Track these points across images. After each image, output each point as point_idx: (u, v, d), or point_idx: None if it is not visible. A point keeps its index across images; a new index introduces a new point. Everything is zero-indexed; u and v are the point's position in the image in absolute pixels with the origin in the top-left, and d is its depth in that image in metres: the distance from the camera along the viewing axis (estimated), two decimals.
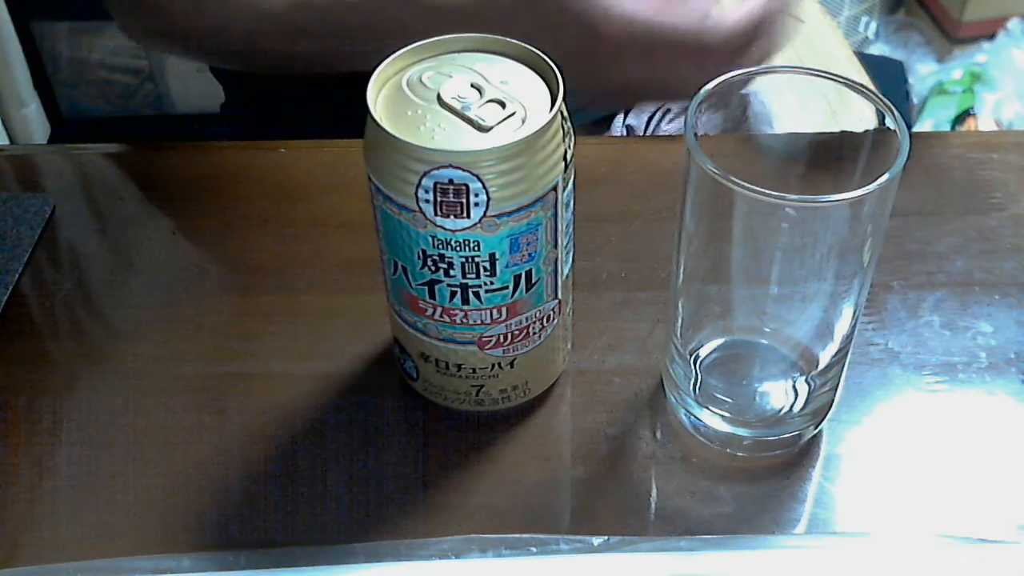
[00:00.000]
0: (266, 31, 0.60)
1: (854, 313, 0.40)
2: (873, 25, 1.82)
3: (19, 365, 0.48)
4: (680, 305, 0.42)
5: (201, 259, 0.55)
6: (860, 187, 0.35)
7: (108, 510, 0.43)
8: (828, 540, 0.41)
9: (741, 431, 0.43)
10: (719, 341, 0.44)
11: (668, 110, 0.76)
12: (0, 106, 1.50)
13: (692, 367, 0.43)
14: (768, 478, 0.43)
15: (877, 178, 0.35)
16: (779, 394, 0.44)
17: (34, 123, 1.55)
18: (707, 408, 0.43)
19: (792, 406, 0.43)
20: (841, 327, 0.40)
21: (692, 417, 0.44)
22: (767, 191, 0.35)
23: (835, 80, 0.39)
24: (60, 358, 0.50)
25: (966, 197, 0.55)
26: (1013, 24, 1.71)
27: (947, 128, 1.59)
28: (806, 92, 0.40)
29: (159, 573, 0.40)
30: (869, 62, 0.81)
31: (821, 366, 0.42)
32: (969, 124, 1.60)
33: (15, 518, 0.42)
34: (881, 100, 0.38)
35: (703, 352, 0.44)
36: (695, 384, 0.43)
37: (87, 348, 0.50)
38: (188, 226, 0.56)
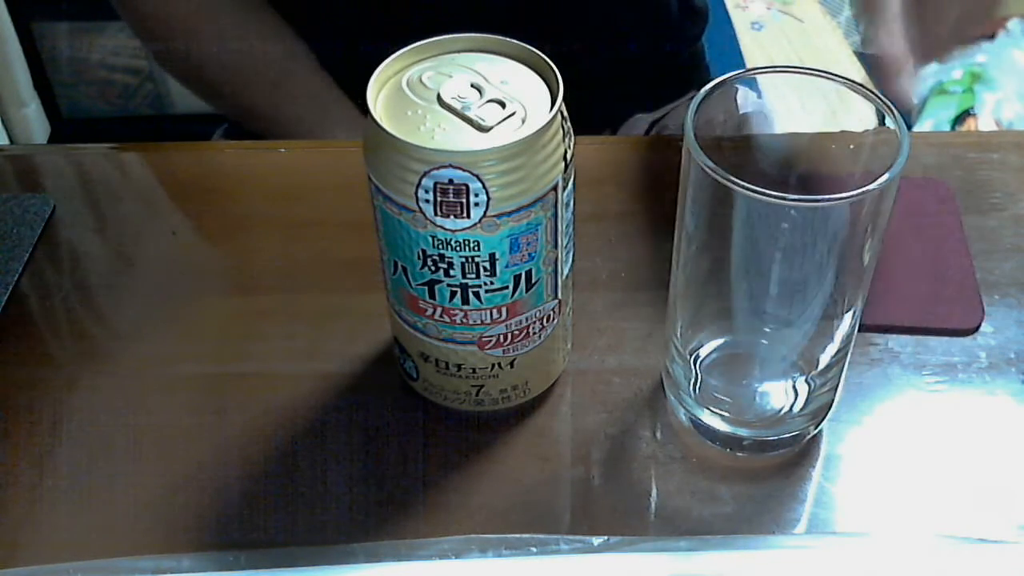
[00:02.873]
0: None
1: (854, 313, 0.40)
2: None
3: (19, 365, 0.48)
4: (680, 305, 0.42)
5: (201, 259, 0.55)
6: (860, 187, 0.35)
7: (108, 510, 0.43)
8: (828, 540, 0.41)
9: (741, 431, 0.43)
10: (719, 341, 0.44)
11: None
12: (0, 106, 1.50)
13: (692, 367, 0.43)
14: (768, 478, 0.43)
15: (877, 178, 0.35)
16: (779, 394, 0.44)
17: (34, 123, 1.55)
18: (707, 408, 0.43)
19: (792, 406, 0.43)
20: (841, 327, 0.40)
21: (692, 417, 0.44)
22: (767, 191, 0.35)
23: (835, 80, 0.39)
24: (60, 358, 0.50)
25: (966, 197, 0.55)
26: (1013, 24, 1.71)
27: (947, 128, 1.59)
28: (806, 92, 0.40)
29: (159, 573, 0.40)
30: (869, 62, 0.81)
31: (821, 366, 0.42)
32: (969, 124, 1.60)
33: (15, 518, 0.42)
34: (881, 100, 0.38)
35: (703, 352, 0.44)
36: (695, 384, 0.43)
37: (87, 348, 0.50)
38: (188, 226, 0.56)
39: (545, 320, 0.42)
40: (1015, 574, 0.40)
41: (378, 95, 0.38)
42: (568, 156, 0.38)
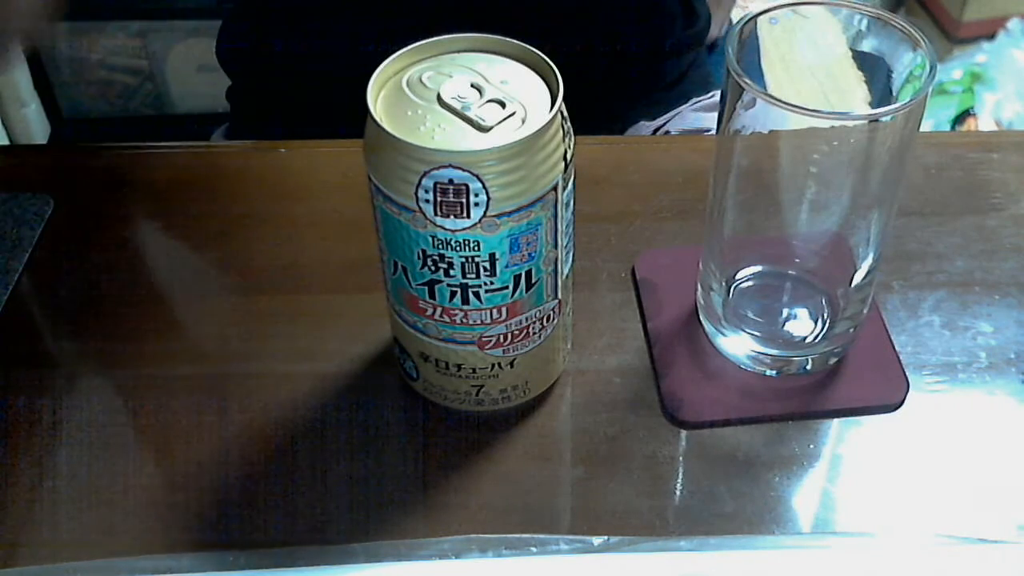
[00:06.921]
0: None
1: (880, 239, 0.42)
2: None
3: (19, 365, 0.48)
4: (722, 234, 0.44)
5: (201, 259, 0.55)
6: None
7: (108, 510, 0.43)
8: (828, 540, 0.41)
9: (770, 350, 0.45)
10: (753, 269, 0.47)
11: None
12: (0, 106, 1.50)
13: (727, 293, 0.46)
14: (768, 478, 0.43)
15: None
16: (806, 319, 0.46)
17: (34, 123, 1.55)
18: (740, 331, 0.45)
19: (818, 331, 0.45)
20: (867, 255, 0.43)
21: (724, 340, 0.46)
22: (803, 107, 0.37)
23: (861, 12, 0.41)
24: (60, 358, 0.50)
25: (966, 197, 0.55)
26: (1013, 24, 1.71)
27: (947, 128, 1.59)
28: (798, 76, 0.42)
29: (159, 573, 0.40)
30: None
31: (849, 292, 0.44)
32: (969, 124, 1.60)
33: (15, 518, 0.42)
34: (907, 29, 0.40)
35: (738, 278, 0.47)
36: (728, 309, 0.46)
37: (87, 348, 0.50)
38: (188, 226, 0.56)
39: (545, 320, 0.42)
40: (1015, 574, 0.40)
41: (378, 95, 0.38)
42: (568, 156, 0.38)
